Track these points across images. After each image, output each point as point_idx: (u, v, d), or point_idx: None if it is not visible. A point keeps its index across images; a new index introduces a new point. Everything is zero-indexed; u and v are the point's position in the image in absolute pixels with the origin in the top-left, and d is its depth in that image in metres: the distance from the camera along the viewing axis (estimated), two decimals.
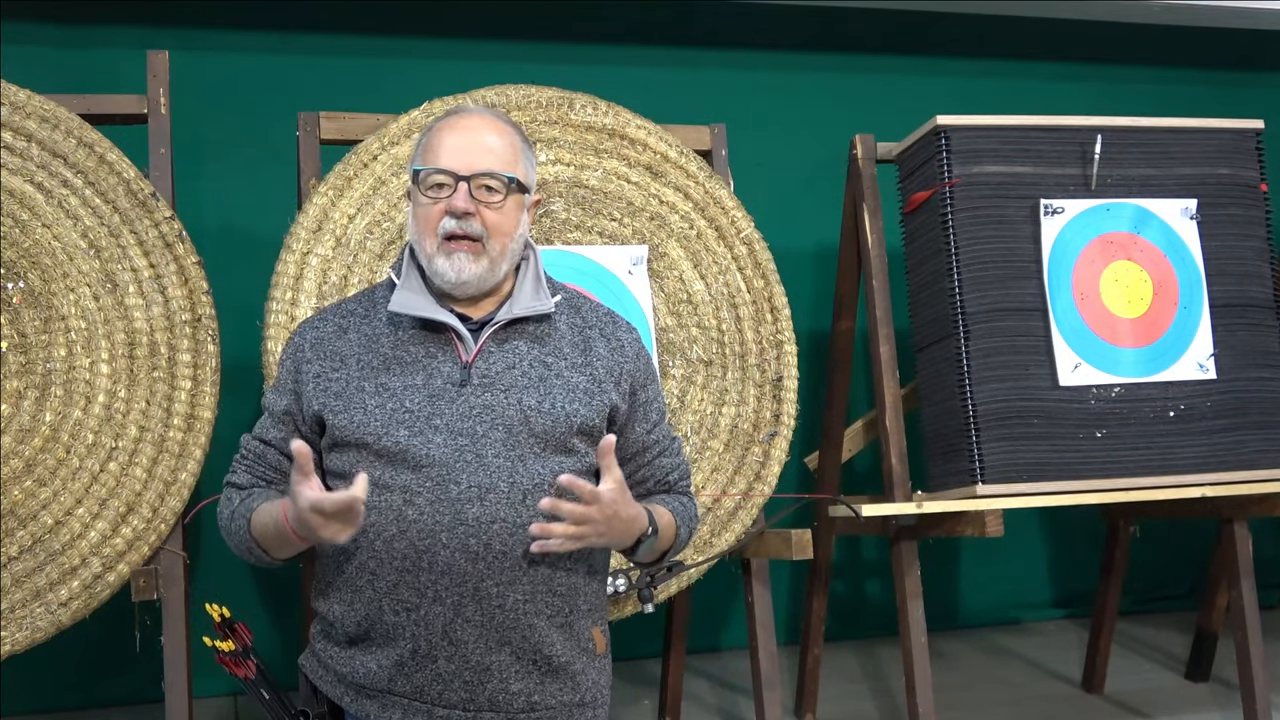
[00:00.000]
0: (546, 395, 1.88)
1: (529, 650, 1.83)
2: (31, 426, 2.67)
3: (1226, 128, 3.40)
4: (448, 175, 1.89)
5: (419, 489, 1.80)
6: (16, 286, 2.70)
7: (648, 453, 2.03)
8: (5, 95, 2.74)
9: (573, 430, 1.88)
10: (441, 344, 1.91)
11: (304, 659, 1.97)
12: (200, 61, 3.87)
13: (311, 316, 2.04)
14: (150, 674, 2.85)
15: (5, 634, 2.59)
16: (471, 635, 1.80)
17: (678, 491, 2.08)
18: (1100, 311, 3.23)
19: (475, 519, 1.79)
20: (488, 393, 1.86)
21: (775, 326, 3.10)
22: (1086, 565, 4.51)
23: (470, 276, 1.90)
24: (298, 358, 1.96)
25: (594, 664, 1.93)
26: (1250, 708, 3.31)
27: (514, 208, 1.93)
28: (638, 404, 2.01)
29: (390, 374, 1.88)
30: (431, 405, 1.84)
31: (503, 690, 1.82)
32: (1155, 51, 4.89)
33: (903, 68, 4.67)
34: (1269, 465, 3.25)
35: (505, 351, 1.91)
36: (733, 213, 3.12)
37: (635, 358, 2.01)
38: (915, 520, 3.17)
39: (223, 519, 2.00)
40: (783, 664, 3.42)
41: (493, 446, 1.82)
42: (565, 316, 1.99)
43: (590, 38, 4.36)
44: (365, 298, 2.02)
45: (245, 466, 2.00)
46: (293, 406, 1.95)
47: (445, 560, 1.79)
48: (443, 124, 1.95)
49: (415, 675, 1.81)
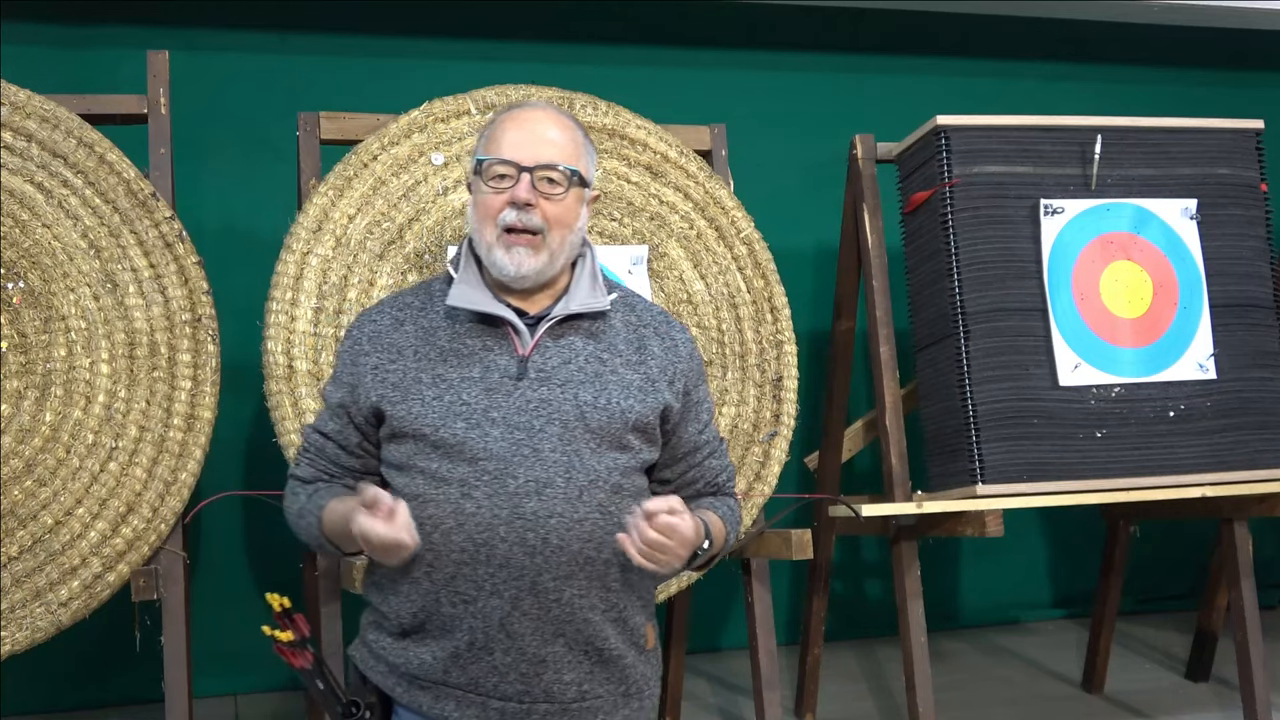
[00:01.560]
0: (602, 391, 1.89)
1: (582, 642, 1.85)
2: (31, 426, 2.67)
3: (1226, 128, 3.39)
4: (511, 166, 1.90)
5: (476, 482, 1.81)
6: (16, 286, 2.70)
7: (698, 453, 2.04)
8: (5, 95, 2.74)
9: (628, 426, 1.90)
10: (498, 338, 1.92)
11: (354, 649, 1.99)
12: (200, 61, 3.87)
13: (368, 309, 2.05)
14: (150, 674, 2.85)
15: (5, 634, 2.59)
16: (528, 628, 1.81)
17: (724, 493, 2.10)
18: (1100, 311, 3.23)
19: (533, 513, 1.80)
20: (544, 387, 1.87)
21: (775, 326, 3.10)
22: (1086, 565, 4.51)
23: (529, 270, 1.91)
24: (355, 350, 1.97)
25: (643, 657, 1.95)
26: (1250, 708, 3.31)
27: (574, 201, 1.95)
28: (690, 404, 2.02)
29: (448, 366, 1.89)
30: (488, 399, 1.86)
31: (556, 681, 1.83)
32: (1155, 51, 4.89)
33: (903, 68, 4.67)
34: (1269, 465, 3.25)
35: (561, 347, 1.92)
36: (733, 213, 3.12)
37: (689, 358, 2.03)
38: (915, 520, 3.17)
39: (290, 513, 2.02)
40: (783, 664, 3.42)
41: (549, 441, 1.84)
42: (620, 314, 2.01)
43: (590, 38, 4.36)
44: (422, 290, 2.04)
45: (308, 460, 2.02)
46: (347, 399, 1.96)
47: (503, 554, 1.80)
48: (506, 116, 1.96)
49: (471, 667, 1.83)
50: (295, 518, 2.00)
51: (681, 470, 2.03)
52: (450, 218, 2.92)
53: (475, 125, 2.97)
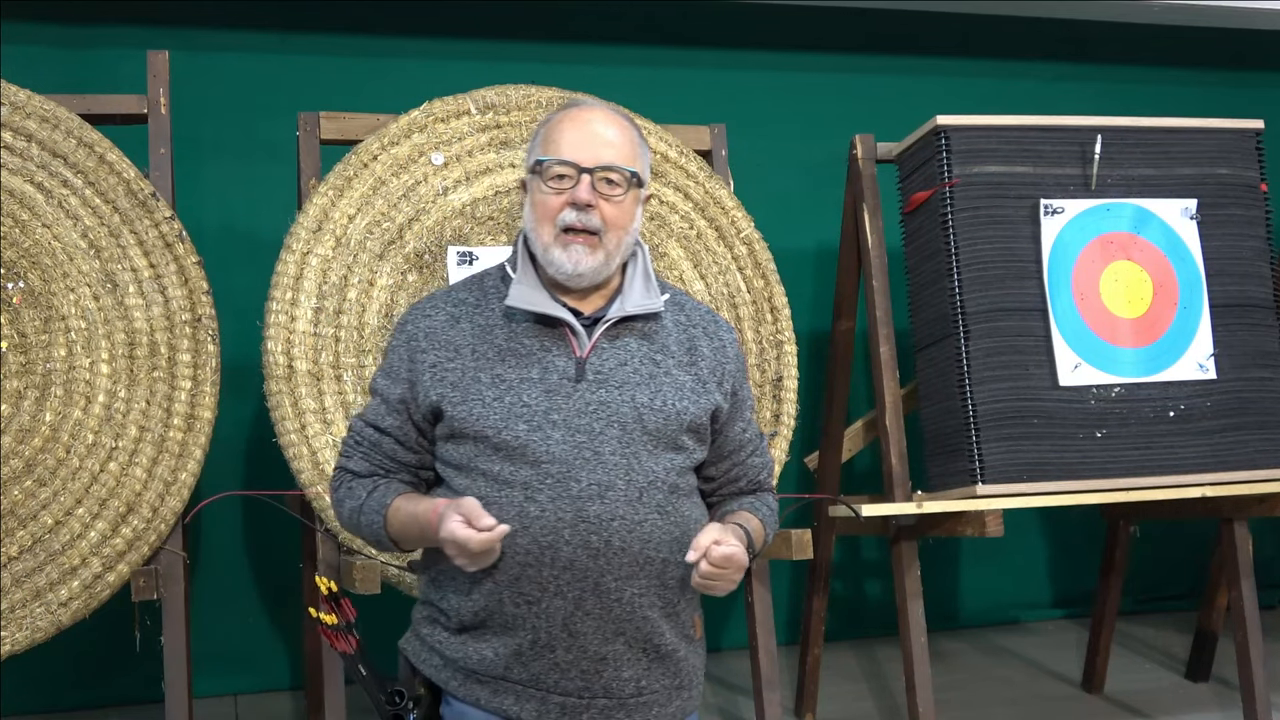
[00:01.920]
0: (657, 393, 1.92)
1: (641, 640, 1.88)
2: (31, 426, 2.67)
3: (1226, 128, 3.39)
4: (571, 167, 1.91)
5: (539, 485, 1.83)
6: (16, 286, 2.70)
7: (743, 450, 2.07)
8: (5, 95, 2.74)
9: (683, 427, 1.92)
10: (555, 338, 1.93)
11: (405, 641, 2.00)
12: (200, 61, 3.87)
13: (420, 303, 2.04)
14: (150, 674, 2.85)
15: (5, 634, 2.59)
16: (590, 627, 1.84)
17: (765, 489, 2.14)
18: (1100, 311, 3.22)
19: (596, 516, 1.83)
20: (602, 389, 1.89)
21: (775, 326, 3.10)
22: (1086, 565, 4.51)
23: (586, 269, 1.92)
24: (412, 346, 1.97)
25: (692, 649, 1.99)
26: (1250, 708, 3.31)
27: (632, 202, 1.96)
28: (736, 403, 2.05)
29: (506, 365, 1.90)
30: (549, 400, 1.87)
31: (616, 678, 1.87)
32: (1155, 51, 4.89)
33: (903, 68, 4.67)
34: (1269, 465, 3.25)
35: (617, 348, 1.94)
36: (733, 213, 3.12)
37: (735, 358, 2.06)
38: (915, 520, 3.17)
39: (344, 508, 2.00)
40: (783, 664, 3.42)
41: (609, 444, 1.86)
42: (671, 315, 2.02)
43: (590, 38, 4.36)
44: (475, 285, 2.04)
45: (361, 454, 2.00)
46: (407, 395, 1.95)
47: (567, 556, 1.82)
48: (563, 116, 1.97)
49: (533, 664, 1.85)
50: (351, 512, 1.99)
51: (726, 468, 2.06)
52: (450, 218, 2.92)
53: (475, 125, 2.98)
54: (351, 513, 1.99)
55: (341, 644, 1.95)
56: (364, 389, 2.78)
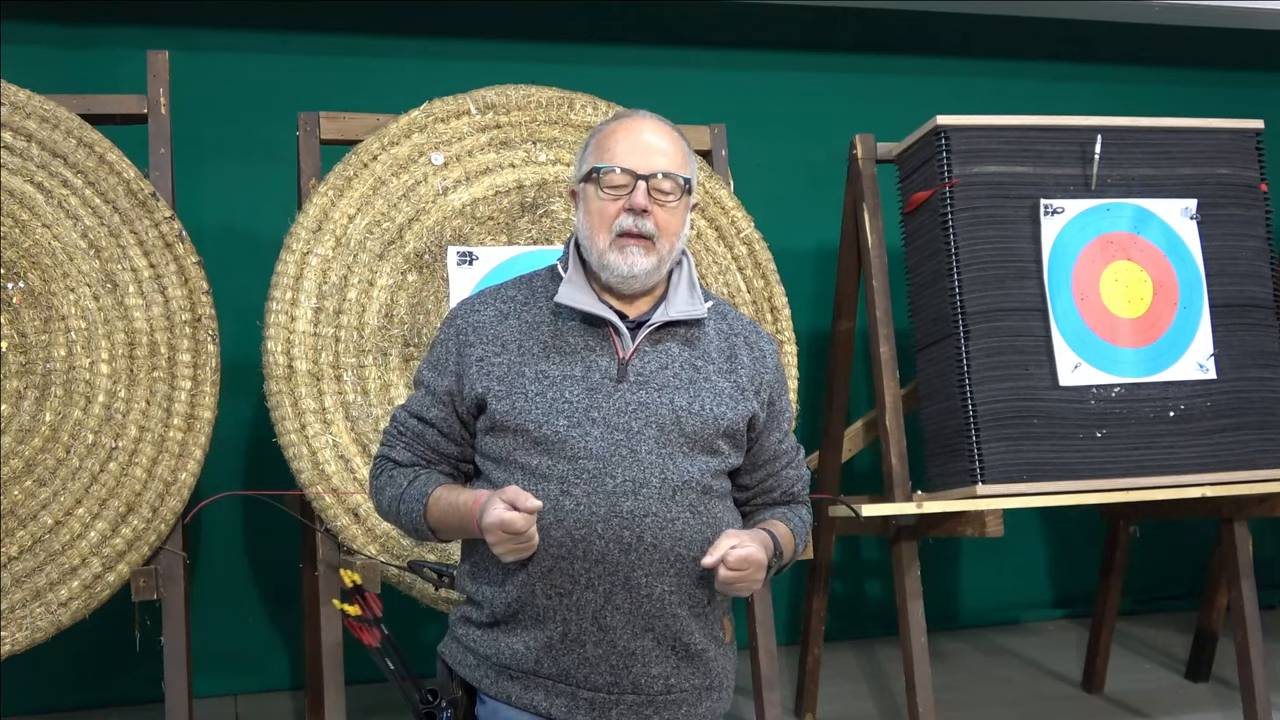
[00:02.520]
0: (696, 397, 1.96)
1: (670, 637, 1.91)
2: (31, 426, 2.67)
3: (1226, 128, 3.39)
4: (628, 175, 1.96)
5: (576, 480, 1.87)
6: (16, 286, 2.70)
7: (778, 461, 2.10)
8: (5, 95, 2.74)
9: (719, 432, 1.96)
10: (600, 339, 1.98)
11: (443, 646, 2.04)
12: (200, 61, 3.87)
13: (470, 299, 2.10)
14: (150, 674, 2.85)
15: (5, 634, 2.59)
16: (620, 622, 1.87)
17: (799, 502, 2.16)
18: (1100, 311, 3.22)
19: (629, 512, 1.86)
20: (642, 390, 1.94)
21: (775, 326, 3.10)
22: (1086, 565, 4.51)
23: (641, 270, 1.96)
24: (460, 340, 2.02)
25: (722, 651, 2.01)
26: (1250, 708, 3.31)
27: (683, 208, 2.01)
28: (774, 413, 2.09)
29: (550, 362, 1.95)
30: (589, 398, 1.92)
31: (645, 674, 1.90)
32: (1155, 51, 4.89)
33: (903, 68, 4.67)
34: (1269, 465, 3.25)
35: (659, 352, 1.98)
36: (733, 213, 3.12)
37: (774, 369, 2.10)
38: (915, 520, 3.17)
39: (385, 496, 2.05)
40: (783, 664, 3.42)
41: (646, 443, 1.90)
42: (714, 323, 2.07)
43: (590, 38, 4.36)
44: (524, 284, 2.09)
45: (404, 444, 2.05)
46: (454, 387, 2.00)
47: (599, 550, 1.86)
48: (616, 125, 2.02)
49: (563, 658, 1.89)
50: (391, 500, 2.03)
51: (760, 478, 2.08)
52: (450, 218, 2.92)
53: (475, 125, 2.98)
54: (391, 501, 2.03)
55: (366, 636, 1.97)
56: (364, 389, 2.79)
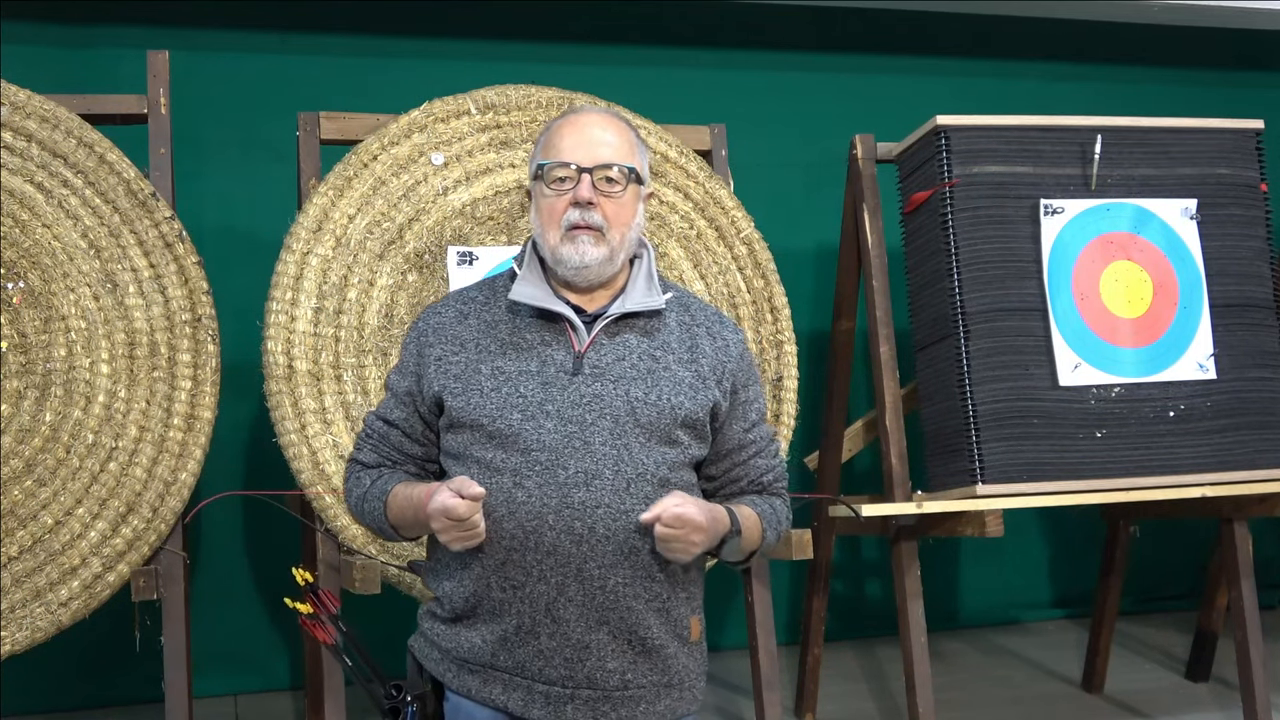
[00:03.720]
0: (653, 387, 1.96)
1: (625, 631, 1.91)
2: (31, 426, 2.67)
3: (1226, 128, 3.39)
4: (571, 168, 1.98)
5: (528, 472, 1.88)
6: (16, 286, 2.70)
7: (744, 451, 2.09)
8: (5, 95, 2.74)
9: (677, 422, 1.96)
10: (556, 333, 1.99)
11: (412, 640, 2.06)
12: (200, 61, 3.87)
13: (435, 303, 2.14)
14: (150, 674, 2.85)
15: (5, 634, 2.59)
16: (573, 614, 1.88)
17: (771, 493, 2.14)
18: (1100, 311, 3.22)
19: (581, 503, 1.87)
20: (598, 382, 1.94)
21: (775, 326, 3.10)
22: (1086, 565, 4.51)
23: (593, 260, 1.98)
24: (421, 341, 2.04)
25: (685, 649, 2.01)
26: (1250, 708, 3.31)
27: (632, 198, 2.02)
28: (738, 403, 2.07)
29: (506, 359, 1.97)
30: (544, 392, 1.93)
31: (600, 668, 1.90)
32: (1155, 51, 4.89)
33: (903, 68, 4.67)
34: (1269, 465, 3.25)
35: (616, 344, 1.99)
36: (733, 213, 3.12)
37: (739, 358, 2.09)
38: (915, 520, 3.17)
39: (352, 497, 2.09)
40: (783, 664, 3.42)
41: (600, 435, 1.90)
42: (675, 314, 2.07)
43: (590, 38, 4.36)
44: (486, 286, 2.11)
45: (371, 446, 2.08)
46: (414, 388, 2.03)
47: (551, 541, 1.87)
48: (562, 122, 2.04)
49: (518, 651, 1.89)
50: (358, 501, 2.06)
51: (726, 468, 2.07)
52: (450, 218, 2.91)
53: (475, 125, 2.97)
54: (357, 500, 2.06)
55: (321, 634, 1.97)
56: (364, 389, 2.79)
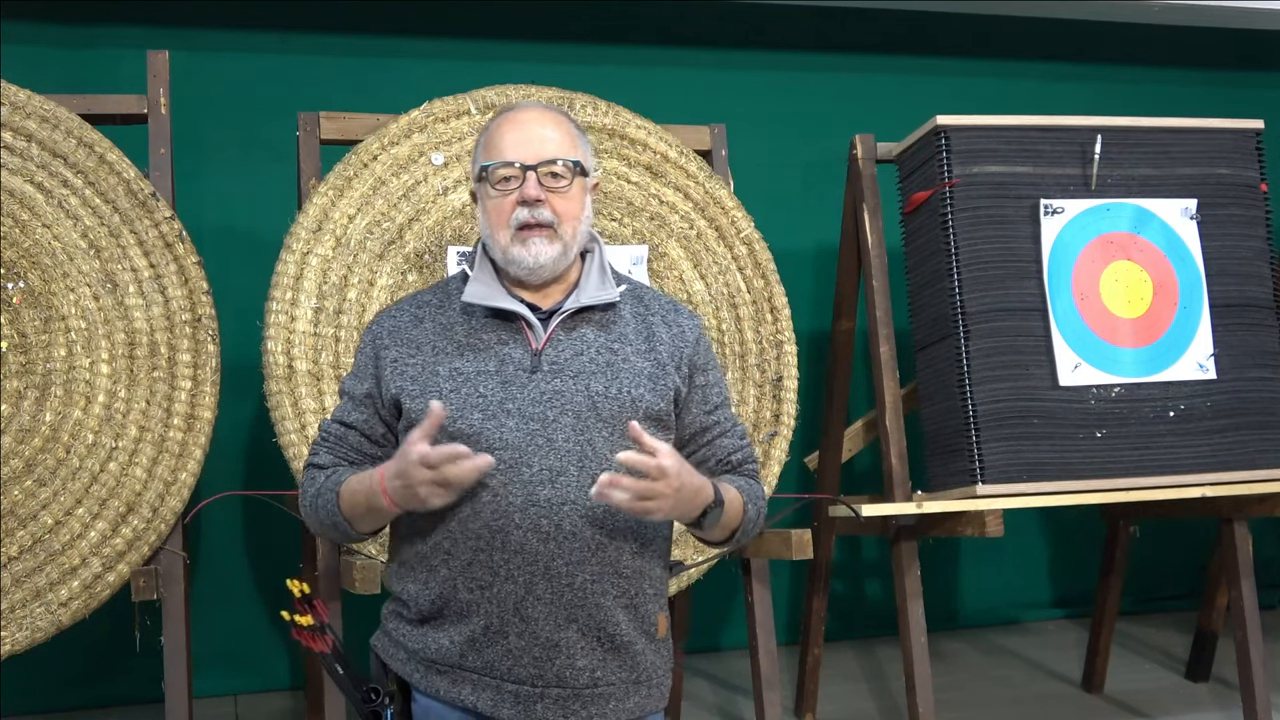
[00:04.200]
0: (613, 380, 1.94)
1: (595, 628, 1.89)
2: (31, 426, 2.67)
3: (1226, 128, 3.39)
4: (514, 167, 1.96)
5: (493, 471, 1.86)
6: (16, 286, 2.70)
7: (707, 433, 2.07)
8: (5, 95, 2.74)
9: (639, 414, 1.94)
10: (513, 332, 1.98)
11: (375, 639, 2.04)
12: (200, 61, 3.87)
13: (388, 307, 2.12)
14: (150, 674, 2.85)
15: (5, 634, 2.59)
16: (542, 613, 1.86)
17: (742, 472, 2.12)
18: (1100, 311, 3.22)
19: (546, 500, 1.85)
20: (557, 379, 1.93)
21: (775, 326, 3.10)
22: (1086, 565, 4.51)
23: (547, 260, 1.96)
24: (377, 345, 2.03)
25: (653, 646, 1.99)
26: (1250, 708, 3.31)
27: (579, 191, 2.01)
28: (695, 386, 2.06)
29: (464, 359, 1.95)
30: (504, 391, 1.91)
31: (569, 666, 1.88)
32: (1155, 51, 4.89)
33: (903, 68, 4.67)
34: (1269, 465, 3.25)
35: (573, 339, 1.97)
36: (733, 213, 3.12)
37: (695, 343, 2.07)
38: (915, 520, 3.17)
39: (306, 497, 2.03)
40: (783, 664, 3.42)
41: (562, 431, 1.89)
42: (630, 305, 2.06)
43: (590, 38, 4.36)
44: (440, 289, 2.10)
45: (327, 448, 2.04)
46: (373, 390, 2.01)
47: (518, 540, 1.85)
48: (500, 121, 2.02)
49: (486, 651, 1.88)
50: (312, 499, 2.01)
51: (691, 450, 2.06)
52: (450, 218, 2.91)
53: (475, 125, 2.97)
54: (311, 499, 2.01)
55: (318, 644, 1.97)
56: None
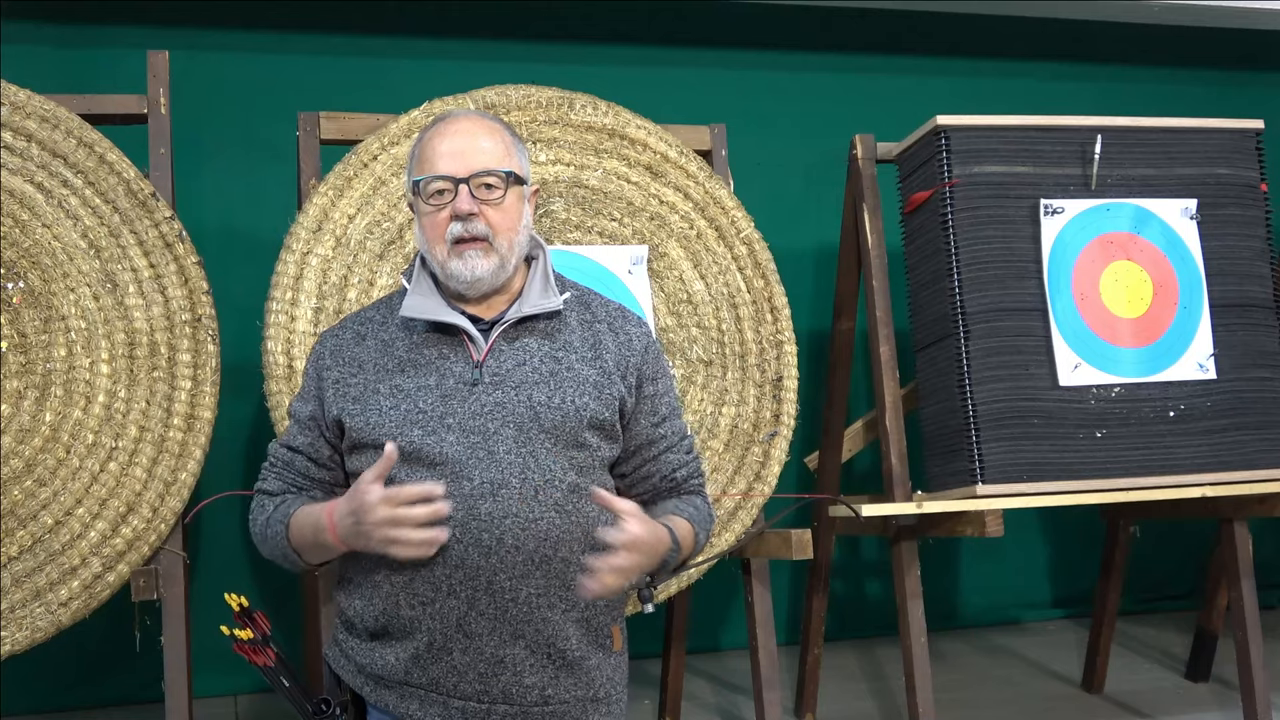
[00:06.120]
0: (556, 390, 1.91)
1: (543, 644, 1.86)
2: (31, 426, 2.67)
3: (1226, 128, 3.40)
4: (447, 180, 1.93)
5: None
6: (16, 286, 2.70)
7: (653, 447, 2.03)
8: (5, 95, 2.74)
9: (583, 424, 1.91)
10: (454, 345, 1.94)
11: (327, 649, 2.02)
12: (200, 61, 3.87)
13: (333, 325, 2.09)
14: (150, 674, 2.85)
15: (5, 634, 2.59)
16: (485, 628, 1.83)
17: (687, 491, 2.09)
18: (1100, 311, 3.23)
19: (487, 514, 1.82)
20: (499, 390, 1.89)
21: (775, 326, 3.10)
22: (1086, 565, 4.51)
23: (484, 273, 1.93)
24: (319, 365, 2.00)
25: (609, 660, 1.95)
26: (1250, 708, 3.31)
27: (515, 201, 1.97)
28: (644, 397, 2.02)
29: (405, 376, 1.92)
30: (444, 405, 1.88)
31: (516, 683, 1.85)
32: (1155, 51, 4.89)
33: (903, 68, 4.67)
34: (1269, 465, 3.25)
35: (516, 349, 1.94)
36: (733, 213, 3.12)
37: (643, 351, 2.03)
38: (915, 520, 3.17)
39: (256, 525, 2.02)
40: (783, 664, 3.42)
41: (504, 443, 1.86)
42: (575, 313, 2.02)
43: (590, 38, 4.36)
44: (383, 305, 2.06)
45: (275, 474, 2.03)
46: (317, 412, 1.98)
47: (459, 555, 1.82)
48: (432, 132, 1.98)
49: (431, 667, 1.85)
50: (261, 529, 2.00)
51: (636, 464, 2.03)
52: None
53: None
54: (261, 528, 2.00)
55: (260, 657, 1.96)
56: None
